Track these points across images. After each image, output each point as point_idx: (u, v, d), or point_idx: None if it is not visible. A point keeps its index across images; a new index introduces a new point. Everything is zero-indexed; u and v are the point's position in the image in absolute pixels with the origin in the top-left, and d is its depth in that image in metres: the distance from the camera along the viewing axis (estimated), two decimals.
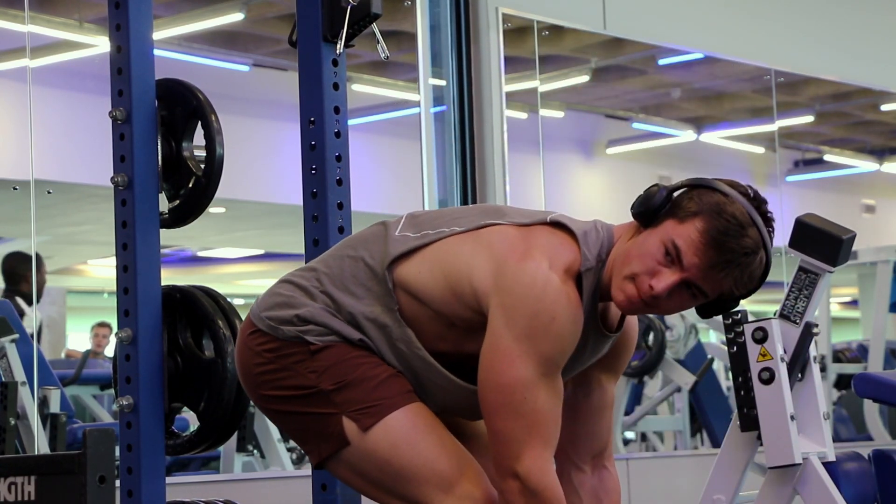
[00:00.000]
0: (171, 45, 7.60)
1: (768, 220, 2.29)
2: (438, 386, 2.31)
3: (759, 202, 2.29)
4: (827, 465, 2.77)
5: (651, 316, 6.47)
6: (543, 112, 6.54)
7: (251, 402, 2.52)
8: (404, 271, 2.30)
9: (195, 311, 2.92)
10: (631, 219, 2.34)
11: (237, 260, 13.27)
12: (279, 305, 2.34)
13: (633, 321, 2.44)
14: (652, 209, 2.27)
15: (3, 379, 5.21)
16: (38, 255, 6.26)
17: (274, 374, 2.32)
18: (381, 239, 2.35)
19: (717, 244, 2.23)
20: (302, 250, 2.94)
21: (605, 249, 2.30)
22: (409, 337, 2.30)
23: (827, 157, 10.77)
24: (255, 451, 6.01)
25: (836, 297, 12.58)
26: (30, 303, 6.43)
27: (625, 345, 2.44)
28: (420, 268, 2.30)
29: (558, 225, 2.32)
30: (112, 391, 3.53)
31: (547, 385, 2.22)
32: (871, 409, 7.35)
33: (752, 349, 2.73)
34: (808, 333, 2.75)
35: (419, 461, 2.24)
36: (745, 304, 2.49)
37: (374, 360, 2.30)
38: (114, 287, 2.90)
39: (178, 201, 2.97)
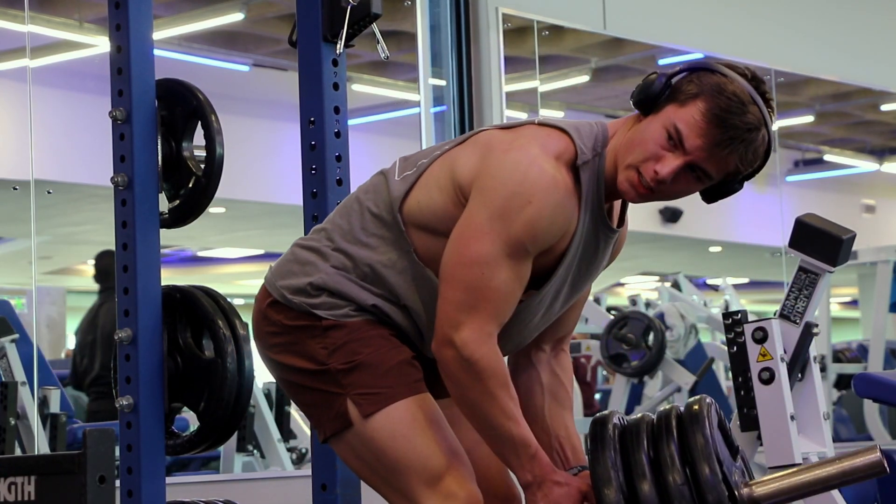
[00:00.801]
0: (171, 45, 7.60)
1: (767, 101, 2.31)
2: None
3: (757, 82, 2.31)
4: None
5: (651, 316, 6.48)
6: (543, 112, 6.54)
7: (251, 402, 2.53)
8: (410, 206, 2.31)
9: (195, 311, 2.91)
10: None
11: (237, 260, 13.26)
12: (292, 273, 2.35)
13: (626, 220, 2.44)
14: (652, 96, 2.27)
15: (3, 379, 5.21)
16: None
17: (287, 346, 2.34)
18: (382, 186, 2.36)
19: (720, 122, 2.24)
20: None
21: (600, 142, 2.29)
22: (428, 276, 2.30)
23: (827, 157, 10.77)
24: (255, 451, 6.02)
25: (836, 297, 12.59)
26: None
27: (617, 242, 2.44)
28: (420, 195, 2.31)
29: (546, 124, 2.32)
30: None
31: (510, 267, 2.22)
32: (871, 409, 7.35)
33: (752, 349, 2.73)
34: (808, 333, 2.75)
35: (412, 455, 2.25)
36: (745, 304, 2.49)
37: (385, 342, 2.31)
38: None
39: (178, 201, 2.97)
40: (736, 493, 2.18)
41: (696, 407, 2.22)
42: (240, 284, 14.01)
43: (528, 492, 2.26)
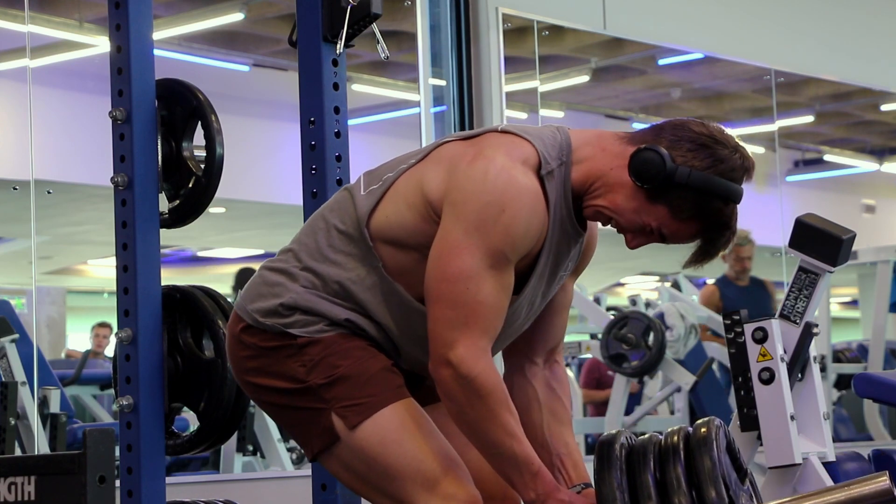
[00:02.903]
0: (171, 45, 7.60)
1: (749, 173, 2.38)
2: None
3: (745, 163, 2.34)
4: (827, 465, 2.77)
5: (651, 316, 6.48)
6: (543, 112, 6.54)
7: (251, 402, 2.53)
8: (378, 221, 2.31)
9: (195, 311, 2.92)
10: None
11: (237, 260, 13.25)
12: (262, 296, 2.34)
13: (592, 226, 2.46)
14: (653, 183, 2.27)
15: (3, 379, 5.21)
16: None
17: (265, 368, 2.33)
18: (348, 203, 2.35)
19: (706, 241, 2.32)
20: None
21: (565, 151, 2.30)
22: (398, 291, 2.30)
23: (827, 157, 10.77)
24: (256, 451, 6.02)
25: (836, 297, 12.59)
26: None
27: (589, 245, 2.45)
28: (387, 210, 2.30)
29: (508, 132, 2.32)
30: (112, 391, 3.53)
31: (493, 278, 2.21)
32: (871, 409, 7.35)
33: (752, 349, 2.73)
34: (808, 333, 2.75)
35: (405, 460, 2.24)
36: None
37: (363, 352, 2.30)
38: (114, 287, 2.90)
39: (178, 201, 2.97)
40: None
41: (703, 430, 2.21)
42: None
43: None
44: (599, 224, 2.42)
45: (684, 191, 2.27)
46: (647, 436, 2.26)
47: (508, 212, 2.20)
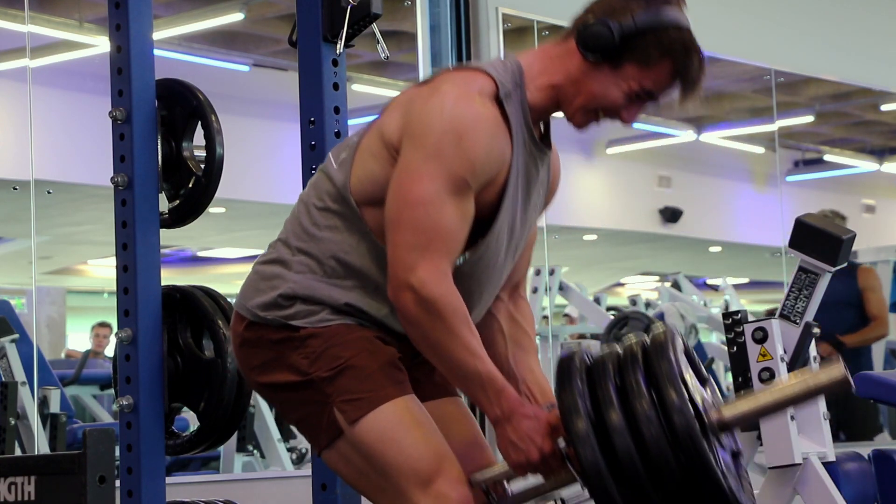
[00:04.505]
0: (171, 45, 7.60)
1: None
2: None
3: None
4: (827, 465, 2.77)
5: (651, 316, 6.48)
6: None
7: (251, 402, 2.52)
8: (353, 184, 2.32)
9: (195, 311, 2.92)
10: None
11: (237, 260, 13.26)
12: (260, 291, 2.35)
13: (554, 148, 2.48)
14: (607, 50, 2.31)
15: (3, 379, 5.21)
16: None
17: (270, 363, 2.33)
18: (322, 180, 2.37)
19: (685, 78, 2.34)
20: None
21: (518, 75, 2.34)
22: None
23: (827, 157, 10.77)
24: (255, 451, 6.02)
25: None
26: None
27: (554, 176, 2.48)
28: (359, 172, 2.32)
29: (460, 68, 2.36)
30: (112, 391, 3.53)
31: (453, 203, 2.22)
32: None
33: (752, 349, 2.73)
34: (807, 333, 2.75)
35: (401, 458, 2.24)
36: (745, 304, 2.49)
37: (366, 344, 2.30)
38: (114, 287, 2.90)
39: (178, 201, 2.97)
40: (704, 416, 2.18)
41: (660, 335, 2.22)
42: (240, 284, 14.01)
43: (498, 427, 2.25)
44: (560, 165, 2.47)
45: (638, 38, 2.31)
46: (606, 349, 2.27)
47: (466, 138, 2.22)
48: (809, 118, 9.51)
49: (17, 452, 4.94)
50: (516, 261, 2.46)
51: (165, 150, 2.96)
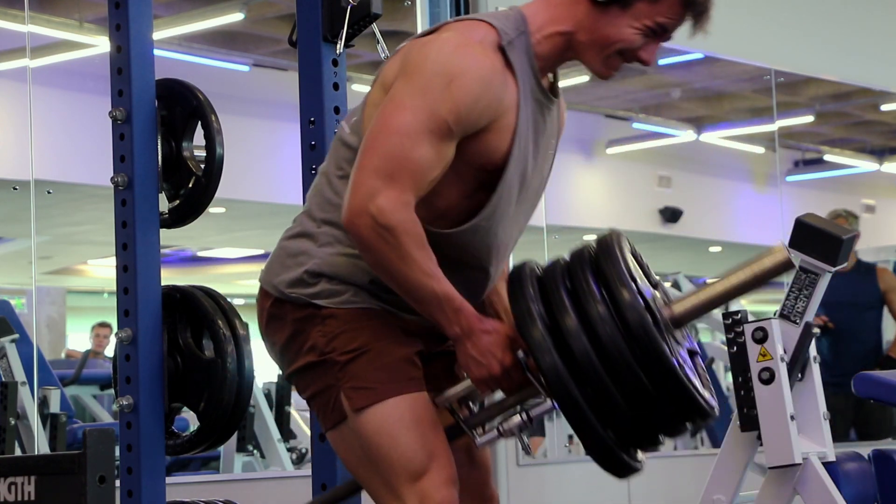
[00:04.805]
0: (171, 45, 7.61)
1: None
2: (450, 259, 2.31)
3: None
4: (827, 465, 2.77)
5: None
6: None
7: (251, 402, 2.52)
8: None
9: (195, 311, 2.92)
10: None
11: (237, 260, 13.27)
12: (287, 267, 2.35)
13: (561, 97, 2.48)
14: None
15: (3, 379, 5.21)
16: None
17: (292, 340, 2.34)
18: (338, 147, 2.37)
19: (694, 7, 2.33)
20: None
21: (521, 23, 2.34)
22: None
23: (827, 157, 10.78)
24: (255, 451, 6.02)
25: None
26: None
27: (559, 114, 2.48)
28: (369, 125, 2.30)
29: (462, 18, 2.37)
30: (112, 391, 3.53)
31: (430, 143, 2.22)
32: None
33: (752, 349, 2.73)
34: (807, 333, 2.75)
35: (394, 453, 2.26)
36: (744, 304, 2.50)
37: (386, 332, 2.31)
38: (114, 287, 2.90)
39: (178, 201, 2.97)
40: (656, 312, 2.20)
41: (607, 237, 2.24)
42: (240, 284, 14.02)
43: (459, 345, 2.26)
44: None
45: None
46: (553, 259, 2.28)
47: (456, 83, 2.22)
48: (809, 118, 9.51)
49: (17, 452, 4.94)
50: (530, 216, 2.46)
51: (165, 150, 2.96)
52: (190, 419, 3.78)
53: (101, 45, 7.05)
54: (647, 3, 2.31)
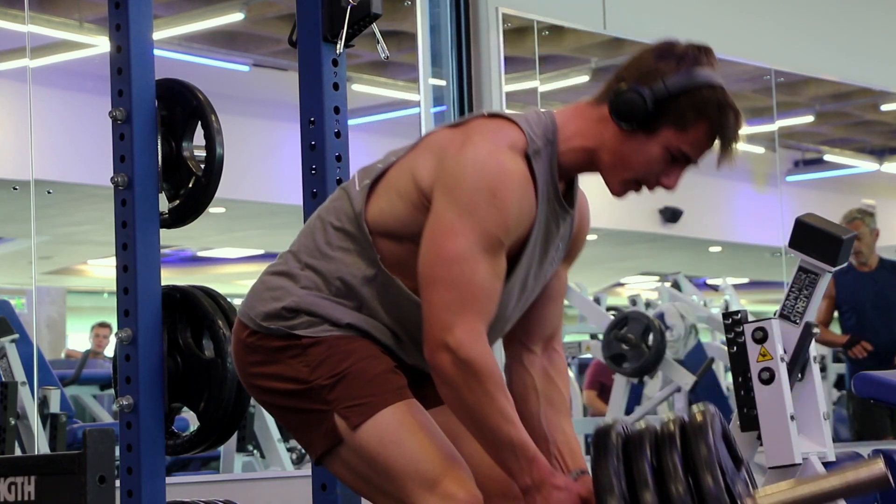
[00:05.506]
0: (171, 45, 7.60)
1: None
2: None
3: (709, 56, 2.34)
4: (827, 465, 2.77)
5: (651, 316, 6.48)
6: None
7: (251, 402, 2.53)
8: (373, 214, 2.32)
9: (195, 311, 2.92)
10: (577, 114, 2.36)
11: (237, 260, 13.26)
12: (264, 300, 2.35)
13: (583, 199, 2.47)
14: (641, 118, 2.29)
15: (3, 379, 5.21)
16: None
17: (270, 371, 2.33)
18: (343, 200, 2.36)
19: (722, 135, 2.31)
20: None
21: (550, 131, 2.33)
22: (397, 284, 2.30)
23: (827, 157, 10.76)
24: (255, 451, 6.02)
25: None
26: None
27: (581, 228, 2.46)
28: (381, 203, 2.32)
29: (495, 116, 2.34)
30: (112, 391, 3.53)
31: (487, 261, 2.22)
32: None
33: (752, 349, 2.73)
34: (808, 333, 2.75)
35: (404, 460, 2.24)
36: (745, 304, 2.49)
37: (367, 352, 2.30)
38: (114, 287, 2.90)
39: (178, 201, 2.97)
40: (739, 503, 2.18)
41: (699, 417, 2.21)
42: (240, 284, 14.01)
43: (528, 496, 2.24)
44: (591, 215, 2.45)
45: (672, 102, 2.28)
46: (642, 424, 2.26)
47: (499, 196, 2.22)
48: (809, 118, 9.50)
49: (17, 452, 4.94)
50: (547, 312, 2.46)
51: (165, 150, 2.96)
52: (190, 419, 3.78)
53: (101, 45, 7.04)
54: (674, 130, 2.29)
